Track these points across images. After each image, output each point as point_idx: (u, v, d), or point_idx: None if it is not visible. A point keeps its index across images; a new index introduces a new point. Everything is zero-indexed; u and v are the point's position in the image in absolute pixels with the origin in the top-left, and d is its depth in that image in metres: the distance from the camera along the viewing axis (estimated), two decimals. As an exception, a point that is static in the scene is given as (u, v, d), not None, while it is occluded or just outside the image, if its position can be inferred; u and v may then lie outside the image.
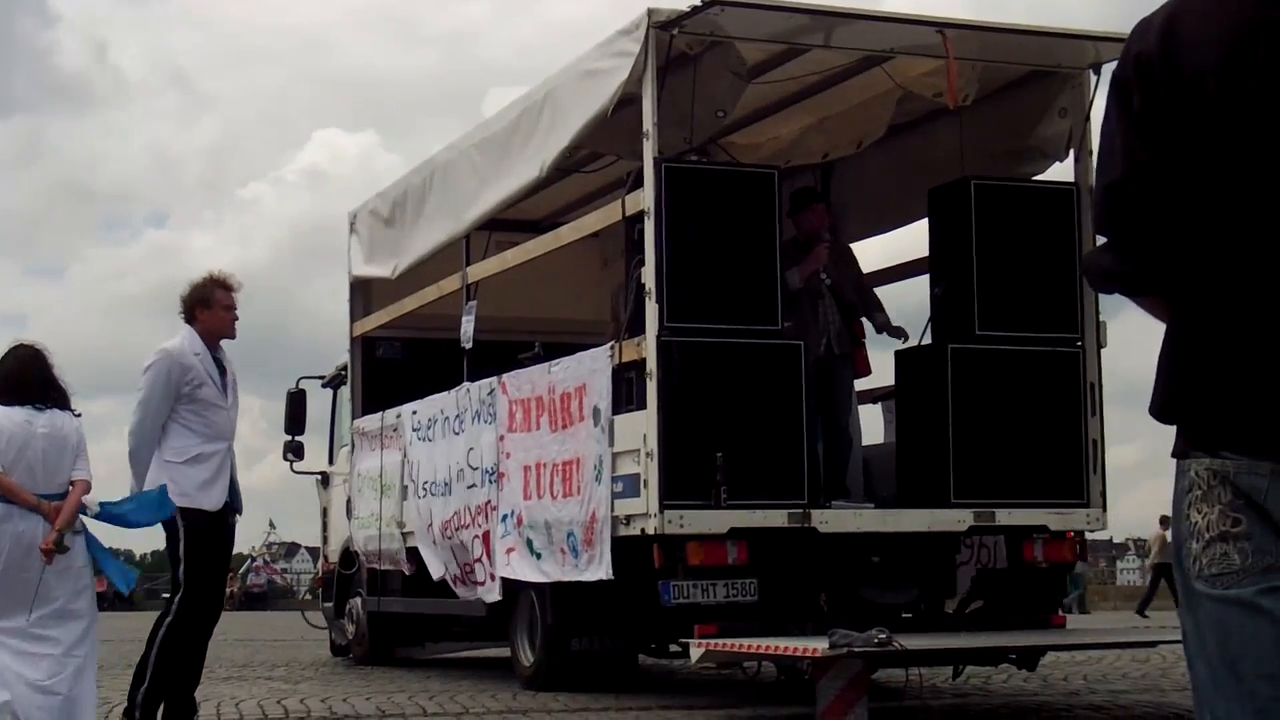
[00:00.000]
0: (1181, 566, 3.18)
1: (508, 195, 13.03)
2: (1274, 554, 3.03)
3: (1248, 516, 3.05)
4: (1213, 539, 3.09)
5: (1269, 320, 3.03)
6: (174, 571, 9.92)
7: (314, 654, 19.55)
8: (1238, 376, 3.07)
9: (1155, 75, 3.13)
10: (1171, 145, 3.13)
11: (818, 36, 11.60)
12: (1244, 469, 3.05)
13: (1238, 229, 3.07)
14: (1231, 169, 3.07)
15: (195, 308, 10.06)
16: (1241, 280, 3.07)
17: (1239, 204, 3.07)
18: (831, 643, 9.52)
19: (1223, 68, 3.07)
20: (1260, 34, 3.06)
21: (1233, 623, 3.08)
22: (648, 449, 10.84)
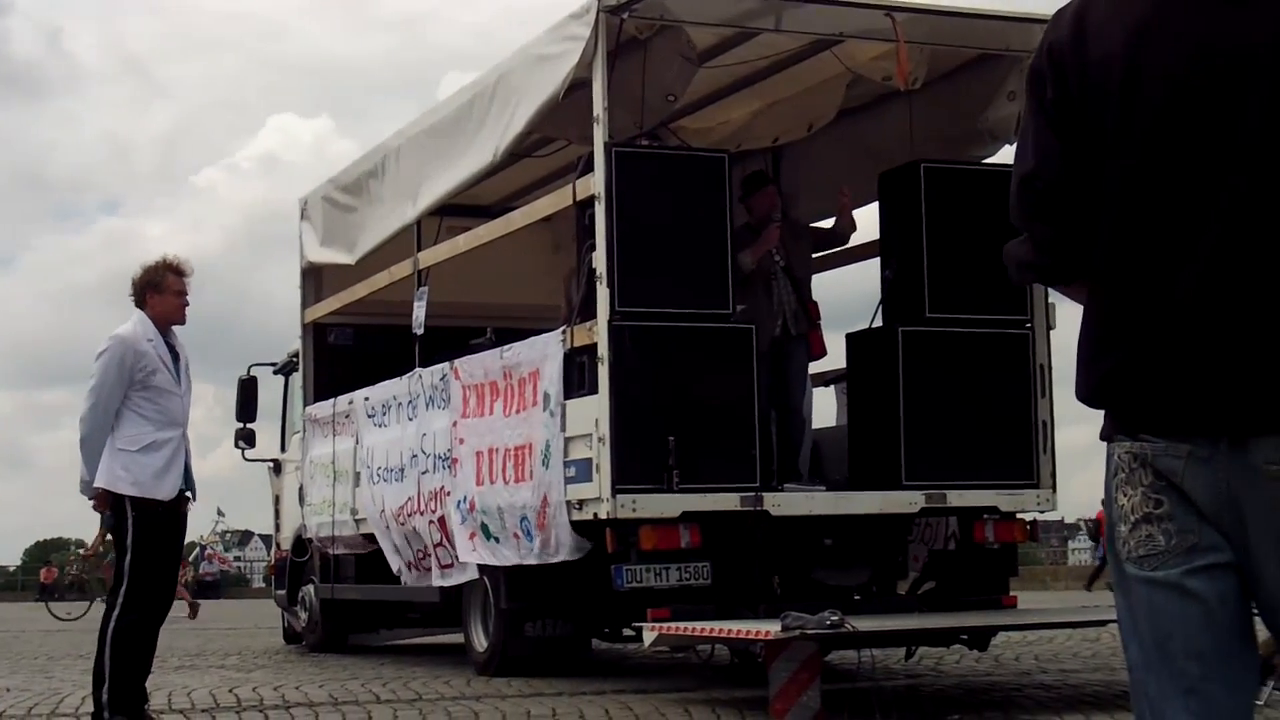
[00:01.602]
0: (1113, 549, 3.24)
1: (460, 180, 13.02)
2: (1196, 533, 3.10)
3: (1169, 498, 3.12)
4: (1138, 521, 3.16)
5: (1179, 305, 3.07)
6: (118, 562, 9.86)
7: (267, 642, 19.53)
8: (1150, 361, 3.11)
9: (1066, 64, 3.20)
10: (1081, 133, 3.20)
11: (768, 20, 11.62)
12: (1162, 451, 3.12)
13: (1142, 215, 3.12)
14: (1135, 155, 3.12)
15: (146, 292, 9.99)
16: (1149, 266, 3.11)
17: (1144, 190, 3.12)
18: (784, 625, 9.54)
19: (1126, 54, 3.13)
20: (1164, 21, 3.12)
21: (1161, 604, 3.14)
22: (600, 433, 10.84)
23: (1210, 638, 3.12)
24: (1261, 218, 3.03)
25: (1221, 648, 3.13)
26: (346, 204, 15.44)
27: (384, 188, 14.58)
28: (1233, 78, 3.06)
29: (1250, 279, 3.03)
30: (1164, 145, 3.10)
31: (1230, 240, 3.04)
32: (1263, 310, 3.02)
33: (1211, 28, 3.10)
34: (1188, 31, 3.11)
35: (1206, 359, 3.06)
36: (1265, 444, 3.03)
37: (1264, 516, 3.05)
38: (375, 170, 14.79)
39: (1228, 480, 3.07)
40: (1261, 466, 3.04)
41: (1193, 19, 3.11)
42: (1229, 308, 3.04)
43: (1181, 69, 3.10)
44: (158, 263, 10.10)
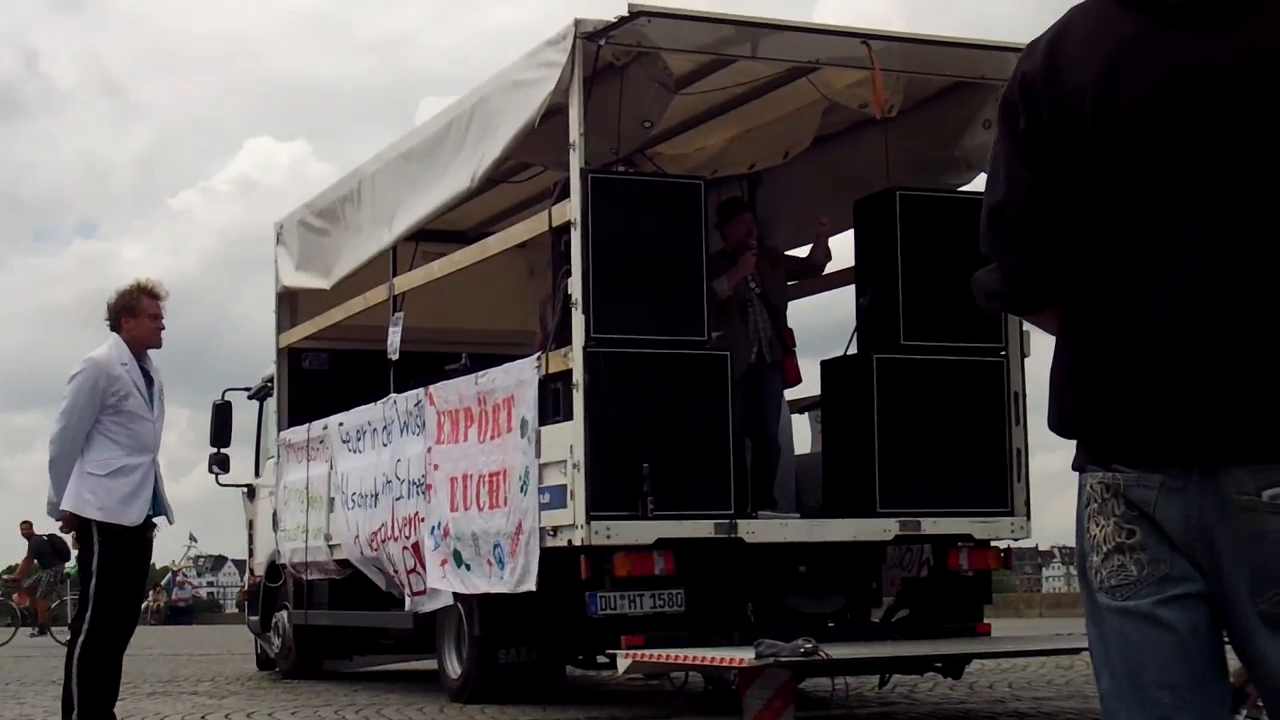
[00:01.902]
0: (1085, 579, 3.26)
1: (436, 206, 13.01)
2: (1168, 563, 3.12)
3: (1141, 528, 3.15)
4: (1110, 551, 3.19)
5: (1150, 336, 3.10)
6: (84, 587, 9.82)
7: (240, 668, 19.46)
8: (1122, 391, 3.14)
9: (1038, 95, 3.22)
10: (1053, 164, 3.22)
11: (744, 47, 11.63)
12: (1134, 481, 3.15)
13: (1114, 246, 3.15)
14: (1107, 187, 3.15)
15: (121, 316, 9.97)
16: (1120, 297, 3.14)
17: (1115, 221, 3.15)
18: (758, 652, 9.54)
19: (1098, 86, 3.16)
20: (1135, 53, 3.16)
21: (1133, 633, 3.17)
22: (574, 460, 10.83)
23: (1182, 668, 3.14)
24: (1231, 249, 3.06)
25: (1194, 678, 3.14)
26: (322, 229, 15.42)
27: (360, 213, 14.57)
28: (1202, 109, 3.10)
29: (1221, 310, 3.06)
30: (1135, 177, 3.13)
31: (1201, 271, 3.06)
32: (1233, 341, 3.05)
33: (1181, 59, 3.13)
34: (1157, 63, 3.14)
35: (1178, 389, 3.08)
36: (1236, 474, 3.06)
37: (1235, 547, 3.07)
38: (351, 195, 14.78)
39: (1199, 510, 3.09)
40: (1233, 497, 3.06)
41: (1162, 51, 3.15)
42: (1200, 338, 3.06)
43: (1152, 100, 3.13)
44: (132, 286, 10.08)
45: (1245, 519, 3.06)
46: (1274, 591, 3.07)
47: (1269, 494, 3.05)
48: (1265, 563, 3.07)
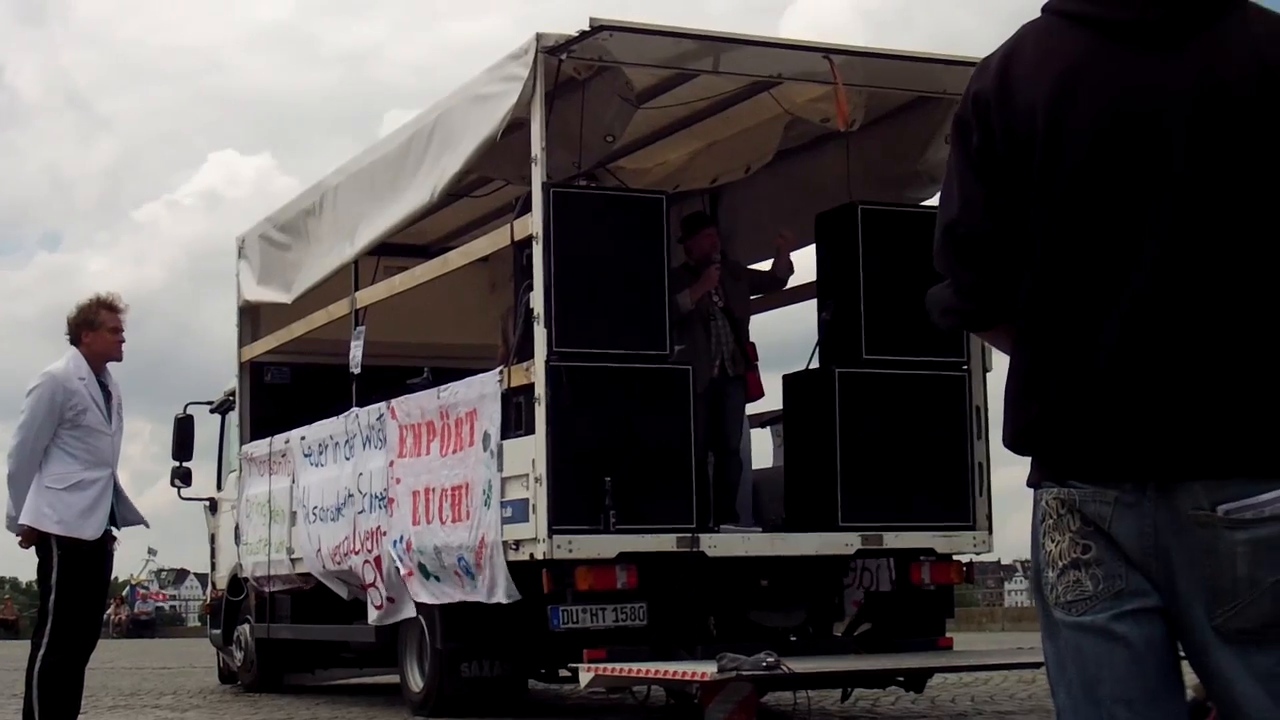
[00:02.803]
0: (1040, 595, 3.27)
1: (398, 220, 12.99)
2: (1123, 579, 3.12)
3: (1097, 543, 3.14)
4: (1066, 566, 3.18)
5: (1104, 351, 3.12)
6: (43, 601, 9.79)
7: (202, 681, 19.41)
8: (1077, 406, 3.15)
9: (991, 113, 3.22)
10: (1006, 181, 3.22)
11: (706, 62, 11.65)
12: (1090, 497, 3.15)
13: (1067, 263, 3.16)
14: (1060, 205, 3.16)
15: (81, 330, 9.93)
16: (1074, 314, 3.15)
17: (1068, 239, 3.16)
18: (720, 666, 9.55)
19: (1051, 105, 3.17)
20: (1085, 72, 3.16)
21: (1089, 648, 3.16)
22: (536, 474, 10.83)
23: (1138, 682, 3.15)
24: (1183, 269, 3.08)
25: (1150, 692, 3.16)
26: (284, 242, 15.39)
27: (322, 226, 14.55)
28: (1155, 128, 3.12)
29: (1173, 329, 3.08)
30: (1086, 197, 3.14)
31: (1154, 292, 3.09)
32: (1186, 357, 3.07)
33: (1134, 78, 3.15)
34: (1111, 82, 3.16)
35: (1132, 405, 3.10)
36: (1191, 489, 3.08)
37: (1190, 562, 3.09)
38: (313, 209, 14.76)
39: (1155, 526, 3.11)
40: (1188, 512, 3.08)
41: (1116, 69, 3.16)
42: (1153, 354, 3.09)
43: (1102, 121, 3.14)
44: (92, 300, 10.04)
45: (1200, 534, 3.08)
46: (1229, 606, 3.08)
47: (1224, 509, 3.07)
48: (1220, 577, 3.08)
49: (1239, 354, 3.08)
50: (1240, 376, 3.08)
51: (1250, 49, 3.12)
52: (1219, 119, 3.10)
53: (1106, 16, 3.18)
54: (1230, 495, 3.07)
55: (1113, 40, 3.18)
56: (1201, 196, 3.09)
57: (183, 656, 29.71)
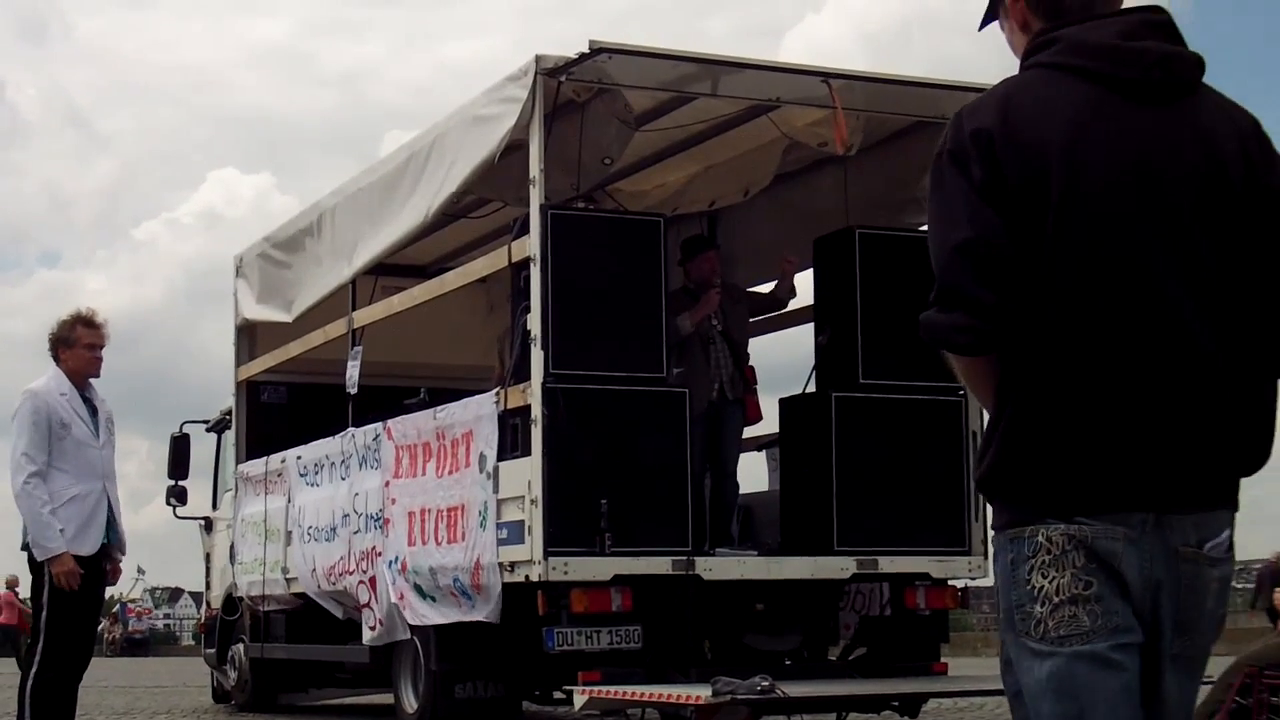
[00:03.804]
0: (1014, 629, 3.42)
1: (395, 240, 12.99)
2: (1120, 615, 3.32)
3: (1099, 580, 3.32)
4: (1063, 602, 3.34)
5: (1115, 386, 3.31)
6: (35, 619, 9.76)
7: (196, 700, 19.38)
8: (1092, 441, 3.33)
9: (997, 150, 3.39)
10: (1016, 216, 3.37)
11: (705, 85, 11.66)
12: (1101, 534, 3.32)
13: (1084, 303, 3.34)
14: (1078, 243, 3.34)
15: (58, 348, 9.93)
16: (1090, 352, 3.33)
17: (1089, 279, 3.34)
18: (715, 690, 9.53)
19: (1067, 144, 3.38)
20: (1097, 117, 3.41)
21: (1082, 676, 3.33)
22: (532, 496, 10.82)
23: (1129, 710, 3.34)
24: (1193, 314, 3.33)
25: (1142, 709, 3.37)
26: (283, 261, 15.39)
27: (320, 246, 14.54)
28: (1167, 181, 3.37)
29: (1184, 370, 3.31)
30: (1103, 239, 3.33)
31: (1169, 334, 3.31)
32: (1190, 400, 3.31)
33: (1143, 132, 3.40)
34: (1124, 132, 3.39)
35: (1141, 440, 3.30)
36: (1182, 525, 3.33)
37: (1175, 596, 3.34)
38: (311, 228, 14.76)
39: (1150, 559, 3.32)
40: (1179, 549, 3.33)
41: (1126, 118, 3.41)
42: (1163, 395, 3.30)
43: (1122, 167, 3.37)
44: (70, 317, 10.04)
45: (1186, 569, 3.33)
46: (1189, 636, 3.37)
47: (1209, 546, 3.34)
48: (1192, 609, 3.36)
49: (1225, 398, 3.33)
50: (1229, 421, 3.34)
51: (1231, 124, 3.47)
52: (1217, 180, 3.39)
53: (1113, 72, 3.43)
54: (1214, 532, 3.37)
55: (1116, 94, 3.42)
56: (1205, 253, 3.35)
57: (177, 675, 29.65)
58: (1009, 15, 3.65)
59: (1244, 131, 3.48)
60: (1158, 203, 3.36)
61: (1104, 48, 3.45)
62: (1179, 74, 3.46)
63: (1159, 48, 3.45)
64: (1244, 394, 3.37)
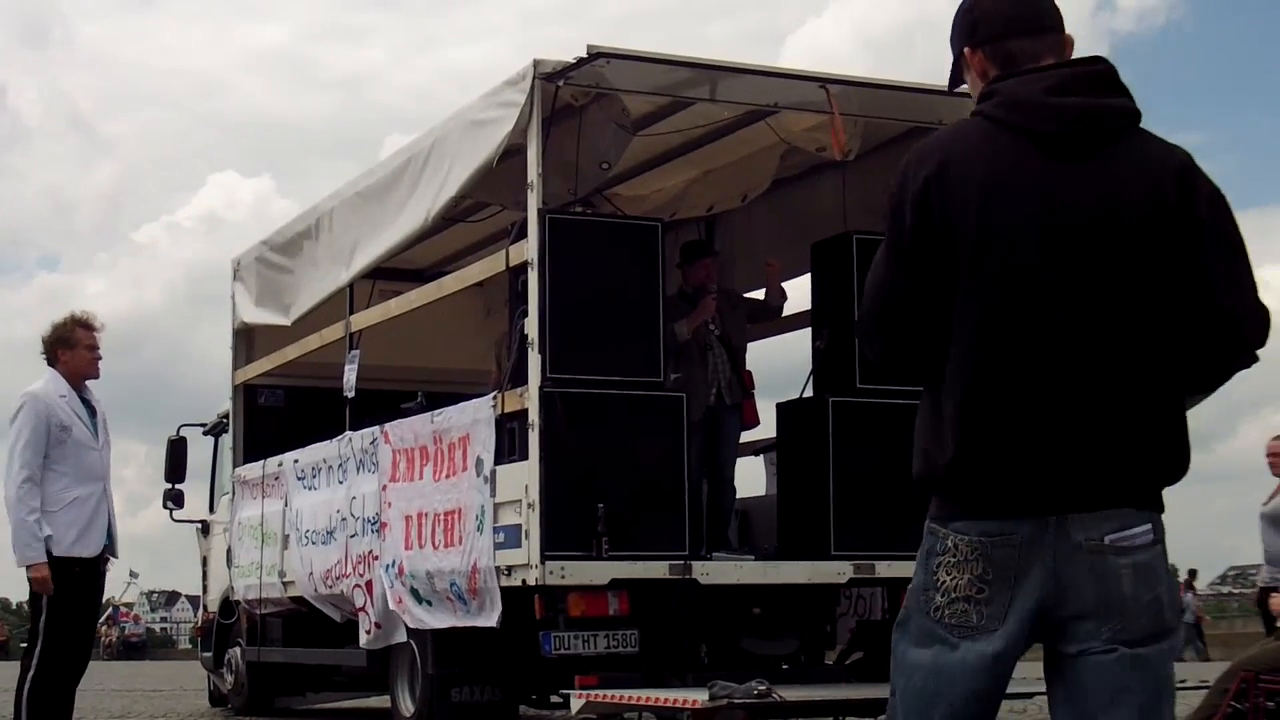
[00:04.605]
0: (921, 608, 3.90)
1: (393, 244, 13.00)
2: (1000, 620, 3.75)
3: (992, 588, 3.76)
4: (959, 598, 3.81)
5: (1012, 409, 3.73)
6: (34, 622, 9.77)
7: (192, 704, 19.39)
8: (995, 450, 3.75)
9: (930, 195, 3.81)
10: (934, 261, 3.80)
11: (703, 90, 11.68)
12: (1000, 542, 3.75)
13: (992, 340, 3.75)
14: (985, 291, 3.75)
15: (56, 349, 9.94)
16: (994, 376, 3.75)
17: (993, 320, 3.75)
18: (711, 694, 9.55)
19: (983, 199, 3.76)
20: (1014, 172, 3.77)
21: (954, 667, 3.82)
22: (529, 500, 10.82)
23: (978, 706, 3.85)
24: (1085, 343, 3.71)
25: (990, 709, 3.88)
26: (280, 265, 15.39)
27: (318, 249, 14.55)
28: (1069, 229, 3.73)
29: (1077, 390, 3.70)
30: (1013, 280, 3.73)
31: (1063, 359, 3.71)
32: (1085, 414, 3.70)
33: (1053, 185, 3.75)
34: (1035, 186, 3.75)
35: (1040, 450, 3.70)
36: (1084, 522, 3.71)
37: (1081, 586, 3.72)
38: (309, 232, 14.76)
39: (1054, 555, 3.72)
40: (1082, 542, 3.71)
41: (1039, 175, 3.76)
42: (1059, 411, 3.70)
43: (1029, 220, 3.74)
44: (67, 319, 10.06)
45: (1093, 560, 3.71)
46: (1117, 621, 3.73)
47: (1110, 538, 3.71)
48: (1110, 596, 3.72)
49: (1127, 412, 3.71)
50: (1126, 429, 3.72)
51: (1146, 171, 3.77)
52: (1118, 229, 3.73)
53: (1033, 127, 3.77)
54: (1116, 527, 3.72)
55: (1037, 148, 3.76)
56: (1101, 291, 3.72)
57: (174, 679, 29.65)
58: (969, 67, 4.00)
59: (1165, 175, 3.77)
60: (1058, 251, 3.72)
61: (1029, 104, 3.78)
62: (1096, 129, 3.78)
63: (1080, 104, 3.77)
64: (1143, 411, 3.73)
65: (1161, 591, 3.77)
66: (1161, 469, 3.78)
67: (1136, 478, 3.75)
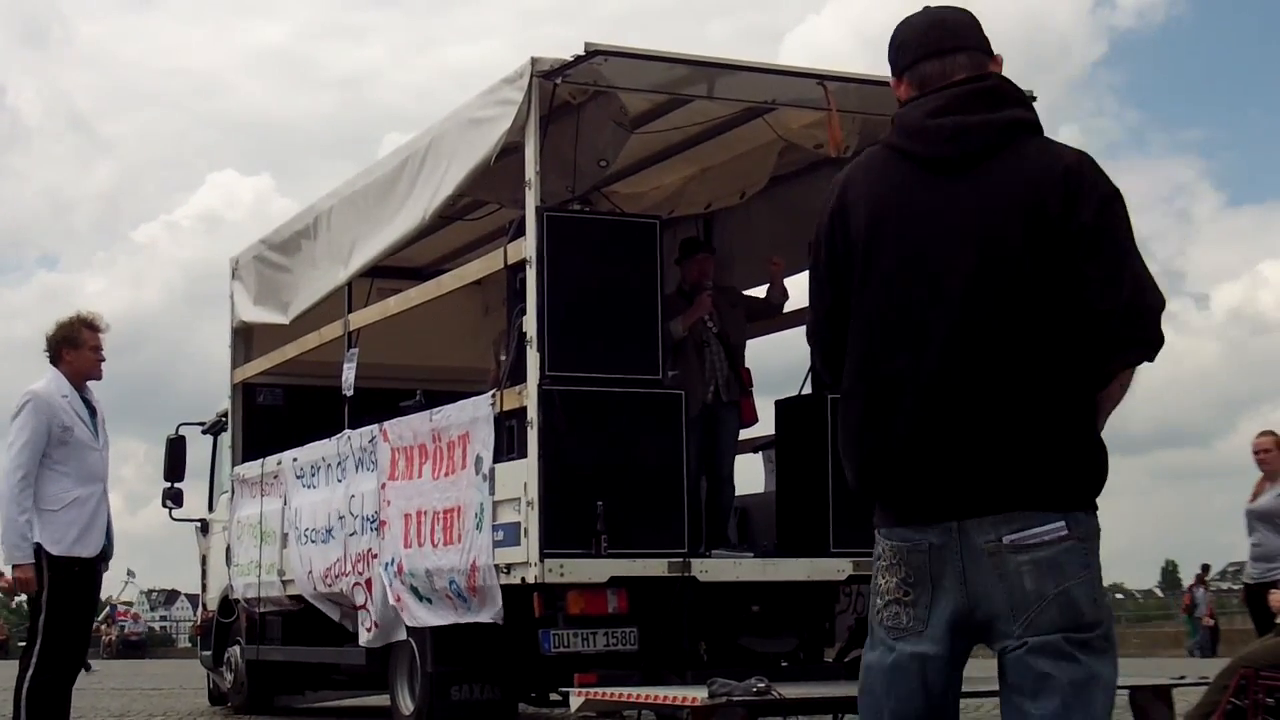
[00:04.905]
0: (872, 612, 4.13)
1: (391, 242, 12.99)
2: (925, 622, 3.97)
3: (915, 590, 3.98)
4: (890, 601, 4.04)
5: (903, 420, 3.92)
6: (33, 621, 9.76)
7: (192, 703, 19.38)
8: (884, 465, 3.99)
9: (834, 227, 4.13)
10: (844, 285, 4.10)
11: (700, 87, 11.67)
12: (913, 547, 3.98)
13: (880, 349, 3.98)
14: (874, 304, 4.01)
15: (61, 348, 9.93)
16: (880, 389, 3.97)
17: (879, 332, 3.99)
18: (711, 692, 9.53)
19: (869, 225, 4.03)
20: (897, 194, 4.02)
21: (890, 669, 4.04)
22: (528, 497, 10.82)
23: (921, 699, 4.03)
24: (960, 352, 3.86)
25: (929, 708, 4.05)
26: (279, 263, 15.39)
27: (316, 248, 14.54)
28: (945, 243, 3.91)
29: (955, 399, 3.87)
30: (894, 295, 3.96)
31: (939, 369, 3.88)
32: (968, 422, 3.85)
33: (932, 203, 3.96)
34: (916, 206, 3.97)
35: (928, 461, 3.90)
36: (982, 526, 3.87)
37: (989, 585, 3.89)
38: (307, 230, 14.75)
39: (962, 560, 3.91)
40: (982, 545, 3.88)
41: (920, 195, 3.98)
42: (942, 421, 3.87)
43: (909, 237, 3.96)
44: (73, 318, 10.05)
45: (994, 561, 3.87)
46: (1029, 613, 3.87)
47: (1009, 539, 3.86)
48: (1015, 594, 3.87)
49: (1008, 419, 3.84)
50: (1011, 435, 3.84)
51: (1026, 179, 3.90)
52: (991, 240, 3.88)
53: (916, 151, 4.01)
54: (1016, 528, 3.86)
55: (922, 170, 3.99)
56: (975, 299, 3.87)
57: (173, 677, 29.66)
58: (900, 95, 4.22)
59: (1047, 182, 3.89)
60: (934, 266, 3.91)
61: (911, 128, 4.04)
62: (969, 146, 3.96)
63: (954, 122, 3.97)
64: (1029, 416, 3.85)
65: (1071, 585, 3.87)
66: (1062, 470, 3.88)
67: (1032, 481, 3.86)
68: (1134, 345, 3.91)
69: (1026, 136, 3.98)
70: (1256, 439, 12.74)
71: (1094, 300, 3.85)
